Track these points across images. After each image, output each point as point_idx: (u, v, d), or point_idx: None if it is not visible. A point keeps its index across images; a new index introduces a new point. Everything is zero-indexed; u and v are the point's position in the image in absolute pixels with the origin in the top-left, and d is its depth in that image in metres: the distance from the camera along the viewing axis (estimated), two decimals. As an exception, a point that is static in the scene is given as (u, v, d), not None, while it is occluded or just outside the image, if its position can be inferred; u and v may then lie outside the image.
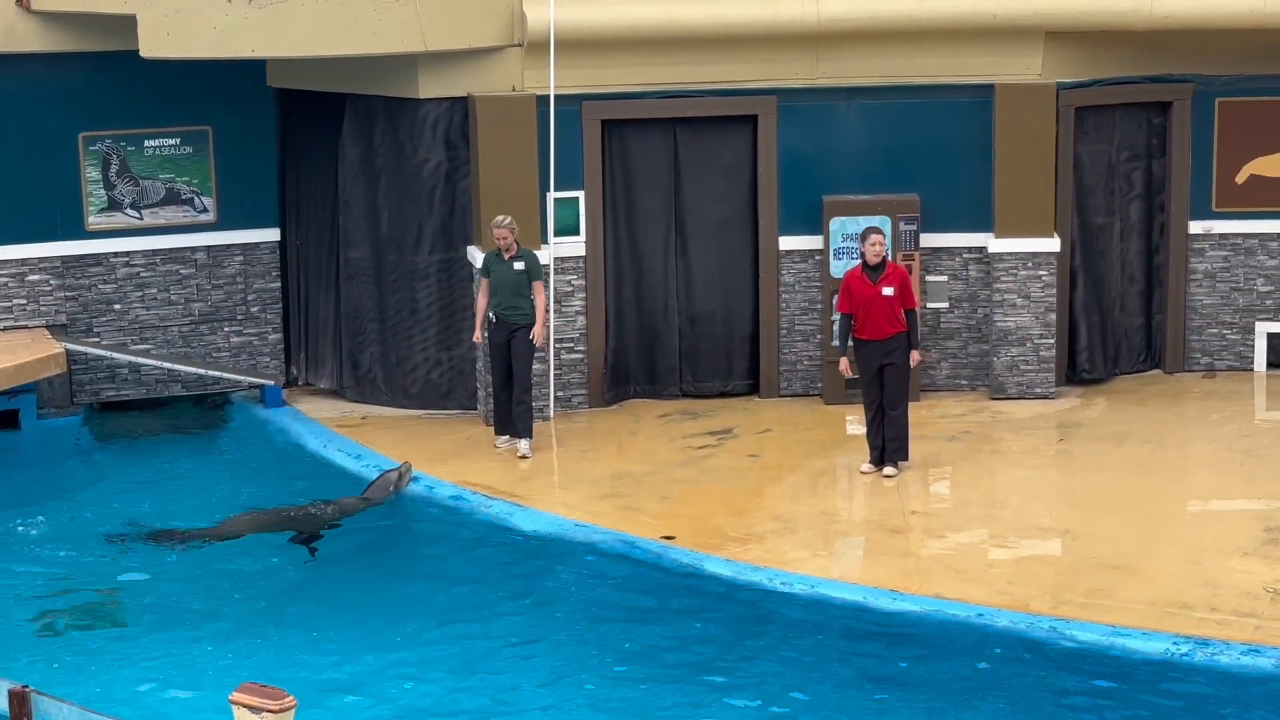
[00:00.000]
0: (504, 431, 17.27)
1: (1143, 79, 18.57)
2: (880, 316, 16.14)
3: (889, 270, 16.22)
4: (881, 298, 16.12)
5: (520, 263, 16.94)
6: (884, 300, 16.12)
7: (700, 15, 17.79)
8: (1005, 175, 18.17)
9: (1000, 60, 18.03)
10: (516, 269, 16.95)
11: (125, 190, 18.63)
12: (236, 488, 16.86)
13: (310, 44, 17.07)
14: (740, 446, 17.39)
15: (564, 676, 13.16)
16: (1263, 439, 17.13)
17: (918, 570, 14.50)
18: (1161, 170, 18.91)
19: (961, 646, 13.40)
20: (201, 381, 18.94)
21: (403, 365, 18.58)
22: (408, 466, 16.64)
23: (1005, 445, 17.25)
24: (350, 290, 18.73)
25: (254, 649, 13.59)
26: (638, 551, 15.08)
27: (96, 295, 18.66)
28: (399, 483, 16.49)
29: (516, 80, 17.84)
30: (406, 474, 16.56)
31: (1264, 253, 18.91)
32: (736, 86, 18.11)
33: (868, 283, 16.14)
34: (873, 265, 16.17)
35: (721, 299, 18.61)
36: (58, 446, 18.15)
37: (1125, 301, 19.02)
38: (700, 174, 18.43)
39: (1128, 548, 14.76)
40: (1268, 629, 13.25)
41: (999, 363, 18.40)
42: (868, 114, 18.22)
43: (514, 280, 16.94)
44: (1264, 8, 17.74)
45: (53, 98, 18.27)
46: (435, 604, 14.42)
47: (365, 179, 18.47)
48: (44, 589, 14.80)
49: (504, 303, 16.96)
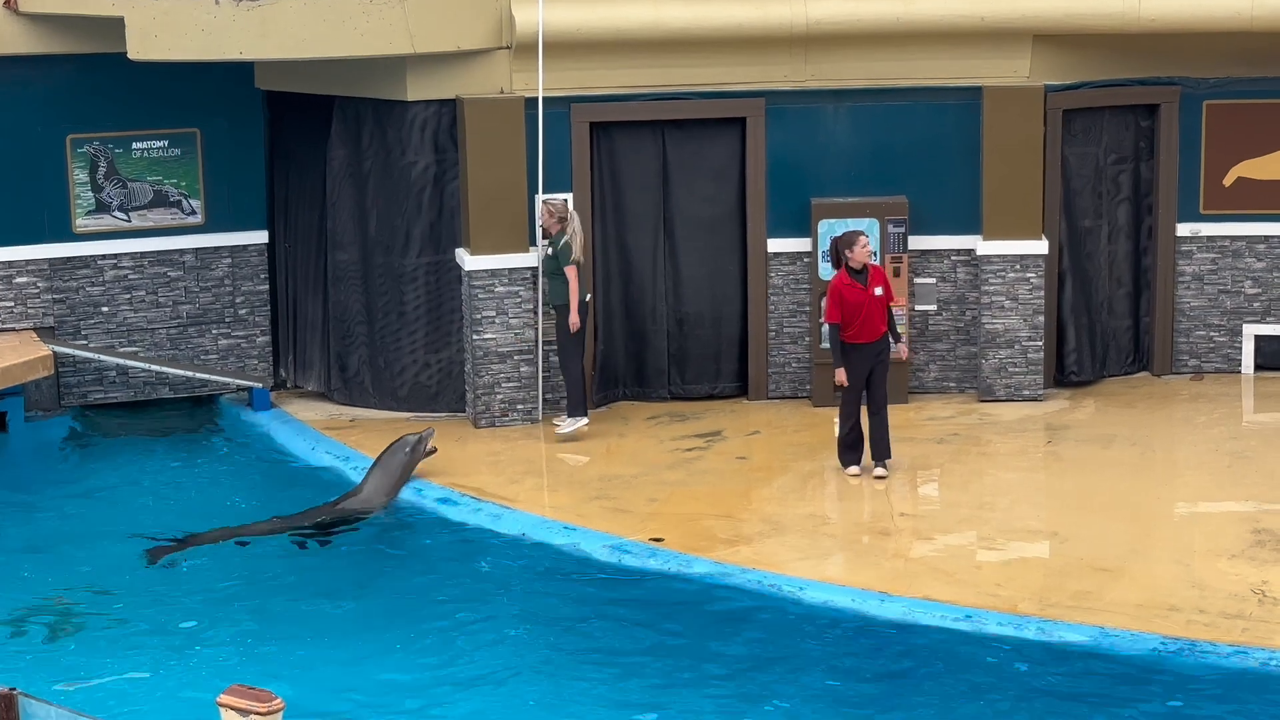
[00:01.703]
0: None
1: (1130, 82, 18.59)
2: (876, 318, 16.20)
3: (873, 272, 16.25)
4: (875, 299, 16.15)
5: (552, 247, 17.29)
6: (877, 301, 16.17)
7: (688, 17, 17.80)
8: (993, 178, 18.19)
9: (988, 63, 18.05)
10: (548, 253, 17.32)
11: (113, 192, 18.61)
12: (225, 490, 16.85)
13: (298, 46, 17.06)
14: (729, 449, 17.40)
15: (549, 677, 13.16)
16: (1250, 441, 17.15)
17: (906, 572, 14.50)
18: (1149, 173, 18.93)
19: (949, 649, 13.40)
20: (189, 384, 18.93)
21: (391, 368, 18.58)
22: (430, 432, 16.64)
23: (993, 447, 17.26)
24: (338, 292, 18.72)
25: (241, 650, 13.58)
26: (626, 554, 15.08)
27: (84, 297, 18.64)
28: (418, 447, 16.44)
29: (505, 83, 17.84)
30: (428, 439, 16.55)
31: (1251, 255, 18.94)
32: (725, 89, 18.12)
33: (859, 287, 16.15)
34: (859, 269, 16.18)
35: (710, 301, 18.62)
36: (45, 449, 18.12)
37: (1113, 304, 19.04)
38: (689, 176, 18.43)
39: (1116, 549, 14.78)
40: (1255, 630, 13.27)
41: (987, 365, 18.42)
42: (856, 116, 18.23)
43: (548, 265, 17.40)
44: (1251, 10, 17.77)
45: (40, 100, 18.24)
46: (422, 606, 14.40)
47: (353, 181, 18.46)
48: (32, 591, 14.77)
49: (550, 288, 17.42)
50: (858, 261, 16.16)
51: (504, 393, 18.00)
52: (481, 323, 17.90)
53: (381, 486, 16.37)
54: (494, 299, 17.90)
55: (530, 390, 17.99)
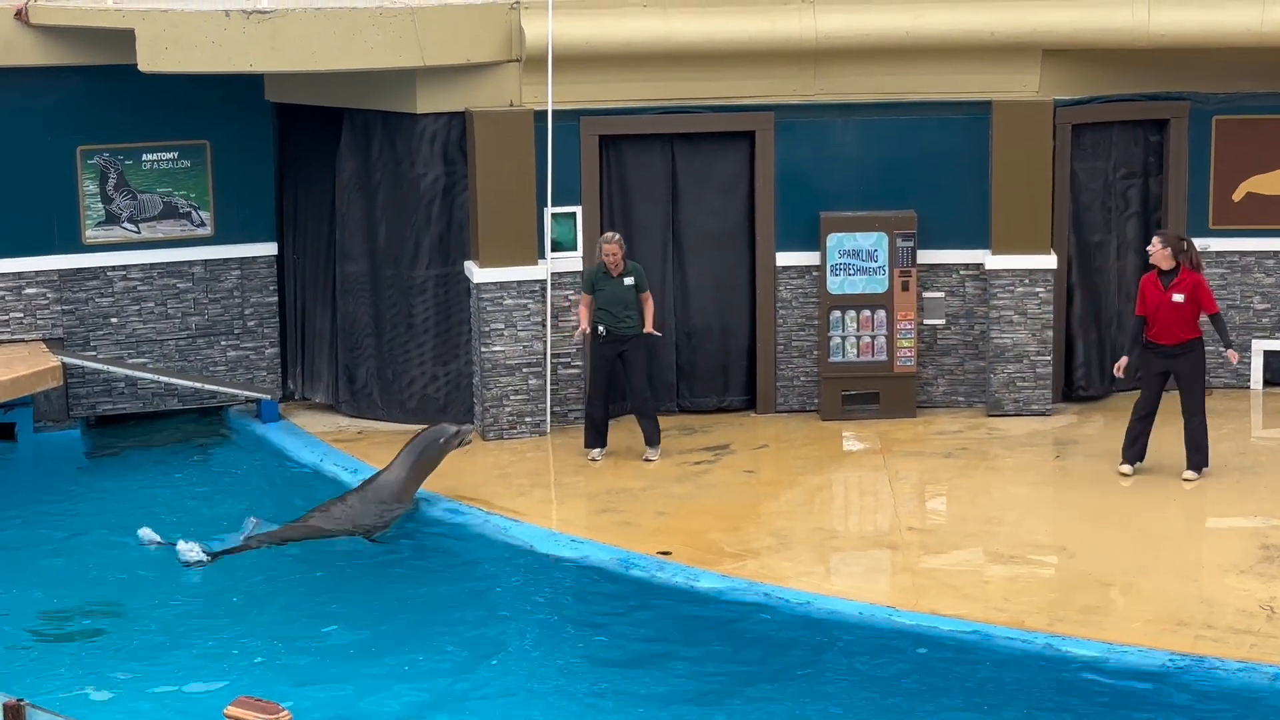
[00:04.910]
0: (596, 445, 17.36)
1: (1140, 97, 18.59)
2: (1169, 322, 16.30)
3: (1182, 276, 16.28)
4: (1171, 304, 16.25)
5: (630, 278, 17.15)
6: (1173, 306, 16.26)
7: (698, 31, 17.81)
8: (1002, 192, 18.19)
9: (998, 77, 18.05)
10: (627, 284, 17.17)
11: (123, 204, 18.64)
12: (233, 501, 16.84)
13: (308, 58, 17.09)
14: (737, 462, 17.39)
15: (555, 691, 13.15)
16: (1259, 457, 17.13)
17: (914, 587, 14.49)
18: (1158, 188, 18.92)
19: (957, 663, 13.39)
20: (198, 395, 18.94)
21: (399, 380, 18.58)
22: (469, 429, 16.77)
23: (1002, 462, 17.25)
24: (347, 305, 18.73)
25: (248, 661, 13.58)
26: (634, 567, 15.07)
27: (93, 309, 18.66)
28: (452, 441, 16.45)
29: (514, 95, 17.86)
30: (465, 435, 16.59)
31: (1260, 270, 18.93)
32: (734, 102, 18.13)
33: (1159, 287, 16.31)
34: (1167, 270, 16.28)
35: (718, 314, 18.62)
36: (54, 460, 18.14)
37: (1122, 319, 19.02)
38: (697, 189, 18.44)
39: (1124, 565, 14.76)
40: (1263, 646, 13.25)
41: (996, 379, 18.41)
42: (865, 130, 18.24)
43: (625, 295, 17.17)
44: (1260, 26, 17.77)
45: (51, 111, 18.27)
46: (429, 618, 14.40)
47: (363, 193, 18.48)
48: (39, 601, 14.78)
49: (616, 317, 17.17)
50: (1163, 261, 16.29)
51: (512, 405, 18.01)
52: (490, 335, 17.91)
53: (405, 475, 16.36)
54: (503, 311, 17.90)
55: (539, 403, 17.99)
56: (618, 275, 17.16)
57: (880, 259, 18.17)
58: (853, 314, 18.31)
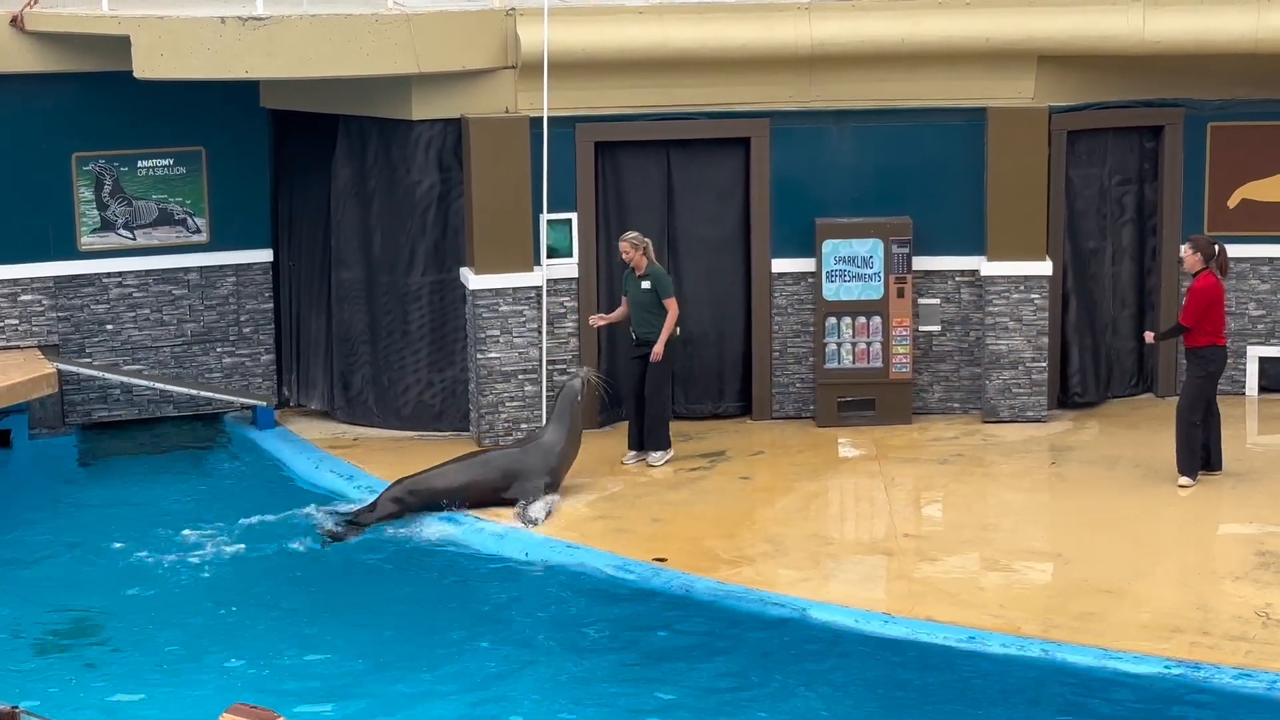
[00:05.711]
0: (630, 447, 17.42)
1: (1135, 103, 18.61)
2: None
3: (1195, 282, 16.51)
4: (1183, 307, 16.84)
5: (647, 281, 17.11)
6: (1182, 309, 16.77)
7: (694, 38, 17.81)
8: (997, 198, 18.20)
9: (993, 84, 18.06)
10: (644, 288, 17.15)
11: (118, 210, 18.63)
12: (229, 507, 16.83)
13: (304, 65, 17.09)
14: (732, 469, 17.39)
15: (551, 698, 13.15)
16: (1254, 463, 17.13)
17: (909, 593, 14.49)
18: (1153, 194, 18.93)
19: (953, 670, 13.39)
20: (193, 402, 18.93)
21: (395, 386, 18.58)
22: (587, 371, 16.97)
23: (997, 468, 17.25)
24: (342, 311, 18.72)
25: (242, 669, 13.57)
26: (629, 574, 15.07)
27: (89, 315, 18.66)
28: (583, 390, 16.66)
29: (510, 102, 17.86)
30: (587, 377, 16.81)
31: (1255, 277, 18.93)
32: (729, 109, 18.14)
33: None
34: (1193, 274, 16.61)
35: (713, 321, 18.62)
36: (50, 467, 18.13)
37: (1117, 325, 19.04)
38: (693, 196, 18.45)
39: (1119, 571, 14.76)
40: (1259, 653, 13.25)
41: (991, 386, 18.41)
42: (860, 137, 18.24)
43: (644, 299, 17.17)
44: (1255, 33, 17.79)
45: (46, 118, 18.26)
46: (425, 625, 14.40)
47: (358, 200, 18.48)
48: (33, 608, 14.77)
49: (639, 321, 17.21)
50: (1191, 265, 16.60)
51: (508, 412, 18.00)
52: (485, 342, 17.91)
53: (566, 434, 16.53)
54: (498, 318, 17.90)
55: (534, 410, 17.99)
56: (639, 276, 17.18)
57: (876, 265, 18.18)
58: (848, 320, 18.31)
